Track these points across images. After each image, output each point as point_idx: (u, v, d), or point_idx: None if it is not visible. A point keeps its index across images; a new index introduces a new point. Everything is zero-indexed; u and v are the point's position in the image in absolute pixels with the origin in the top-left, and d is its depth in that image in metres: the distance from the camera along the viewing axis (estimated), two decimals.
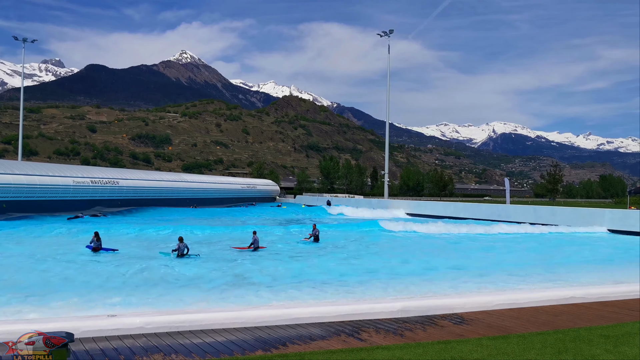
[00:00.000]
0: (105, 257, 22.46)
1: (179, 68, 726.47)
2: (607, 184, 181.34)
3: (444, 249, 28.09)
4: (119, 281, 16.92)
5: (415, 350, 7.75)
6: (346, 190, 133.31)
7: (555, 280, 17.64)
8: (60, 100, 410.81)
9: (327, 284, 16.58)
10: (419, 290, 15.22)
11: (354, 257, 23.75)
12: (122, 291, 14.96)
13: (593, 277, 18.41)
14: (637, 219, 37.86)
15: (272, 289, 15.56)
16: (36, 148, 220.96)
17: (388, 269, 20.06)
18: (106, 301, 13.29)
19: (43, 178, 53.00)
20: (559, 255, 26.09)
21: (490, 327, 9.50)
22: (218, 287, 15.89)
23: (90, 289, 15.19)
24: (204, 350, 7.76)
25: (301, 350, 7.76)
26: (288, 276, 18.24)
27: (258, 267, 20.26)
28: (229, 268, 19.91)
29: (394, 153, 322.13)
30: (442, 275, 18.88)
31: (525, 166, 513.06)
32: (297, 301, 13.49)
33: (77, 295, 14.06)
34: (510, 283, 17.04)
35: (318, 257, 23.67)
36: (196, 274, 18.43)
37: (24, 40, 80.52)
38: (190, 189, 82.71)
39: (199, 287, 16.02)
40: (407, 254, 25.28)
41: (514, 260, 24.01)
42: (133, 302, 13.29)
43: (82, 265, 20.18)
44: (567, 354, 7.65)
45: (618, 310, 11.20)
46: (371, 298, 13.37)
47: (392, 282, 17.09)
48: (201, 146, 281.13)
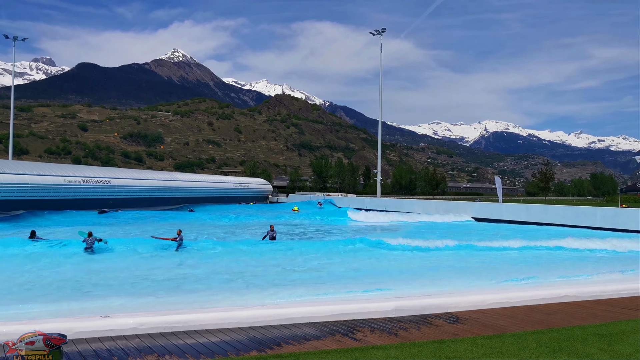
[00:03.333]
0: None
1: (171, 67, 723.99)
2: (598, 182, 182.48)
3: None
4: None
5: (410, 350, 7.73)
6: (338, 189, 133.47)
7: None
8: (51, 98, 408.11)
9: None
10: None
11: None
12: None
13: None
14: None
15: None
16: (27, 147, 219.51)
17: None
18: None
19: (34, 177, 52.67)
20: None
21: (485, 326, 9.50)
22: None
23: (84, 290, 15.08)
24: (197, 351, 7.71)
25: (296, 351, 7.72)
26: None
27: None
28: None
29: (386, 152, 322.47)
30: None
31: (517, 164, 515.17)
32: (291, 301, 13.44)
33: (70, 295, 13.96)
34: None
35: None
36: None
37: (14, 39, 79.94)
38: (183, 188, 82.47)
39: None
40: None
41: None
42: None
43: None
44: (561, 353, 7.65)
45: (612, 308, 11.23)
46: (365, 298, 13.35)
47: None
48: (193, 145, 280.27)
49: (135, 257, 22.12)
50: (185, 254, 23.22)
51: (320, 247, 25.82)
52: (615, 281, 14.94)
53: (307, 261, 21.51)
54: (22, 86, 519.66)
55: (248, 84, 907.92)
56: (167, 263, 20.89)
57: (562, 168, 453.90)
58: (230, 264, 20.31)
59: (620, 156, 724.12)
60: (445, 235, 32.45)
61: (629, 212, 38.88)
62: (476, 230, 39.34)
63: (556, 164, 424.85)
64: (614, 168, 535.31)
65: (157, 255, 22.67)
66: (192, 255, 22.93)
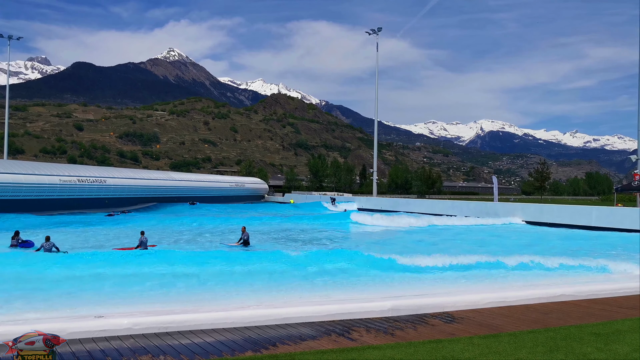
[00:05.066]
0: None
1: (167, 66, 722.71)
2: (594, 181, 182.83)
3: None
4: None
5: (406, 350, 7.69)
6: (334, 188, 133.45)
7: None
8: (47, 98, 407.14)
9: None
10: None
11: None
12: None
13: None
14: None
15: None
16: (22, 146, 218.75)
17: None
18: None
19: (29, 177, 52.51)
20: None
21: (481, 325, 9.47)
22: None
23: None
24: (192, 352, 7.65)
25: (291, 351, 7.68)
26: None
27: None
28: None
29: (382, 151, 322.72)
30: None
31: (512, 164, 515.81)
32: (286, 301, 13.38)
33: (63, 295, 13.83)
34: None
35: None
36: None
37: (9, 38, 79.62)
38: (179, 187, 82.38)
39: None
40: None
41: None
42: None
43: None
44: (558, 352, 7.62)
45: (608, 307, 11.22)
46: (361, 297, 13.31)
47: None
48: (189, 144, 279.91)
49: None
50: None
51: (302, 262, 19.02)
52: (611, 280, 14.94)
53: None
54: (17, 85, 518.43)
55: (244, 84, 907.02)
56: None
57: (557, 167, 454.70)
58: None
59: (616, 155, 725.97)
60: (499, 245, 27.44)
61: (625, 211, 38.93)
62: (535, 237, 32.88)
63: (552, 163, 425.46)
64: (609, 167, 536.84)
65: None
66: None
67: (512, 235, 34.78)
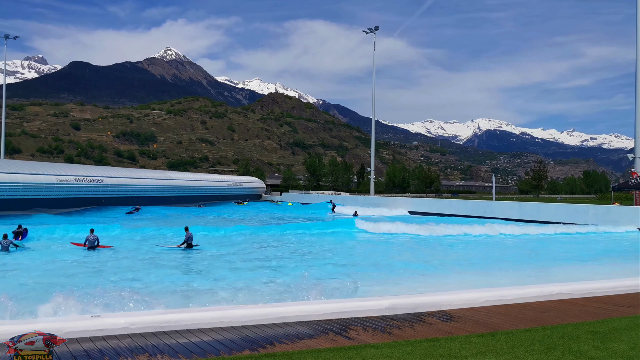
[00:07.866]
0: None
1: (164, 65, 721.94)
2: (591, 180, 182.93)
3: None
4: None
5: (403, 348, 7.69)
6: (332, 187, 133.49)
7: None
8: (44, 97, 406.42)
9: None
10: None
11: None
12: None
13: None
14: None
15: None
16: (19, 146, 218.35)
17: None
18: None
19: (26, 176, 52.35)
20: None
21: (478, 324, 9.48)
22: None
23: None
24: (190, 351, 7.64)
25: (289, 350, 7.67)
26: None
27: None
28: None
29: (379, 150, 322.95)
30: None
31: (510, 162, 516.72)
32: (283, 300, 13.37)
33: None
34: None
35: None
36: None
37: (6, 37, 79.52)
38: (176, 186, 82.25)
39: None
40: None
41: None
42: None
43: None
44: (555, 350, 7.63)
45: (605, 305, 11.23)
46: (359, 296, 13.31)
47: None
48: (186, 143, 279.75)
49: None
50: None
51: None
52: (608, 278, 14.96)
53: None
54: (14, 85, 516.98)
55: (241, 83, 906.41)
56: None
57: (554, 166, 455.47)
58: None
59: (613, 154, 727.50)
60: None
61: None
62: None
63: (549, 162, 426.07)
64: (606, 166, 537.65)
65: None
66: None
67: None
